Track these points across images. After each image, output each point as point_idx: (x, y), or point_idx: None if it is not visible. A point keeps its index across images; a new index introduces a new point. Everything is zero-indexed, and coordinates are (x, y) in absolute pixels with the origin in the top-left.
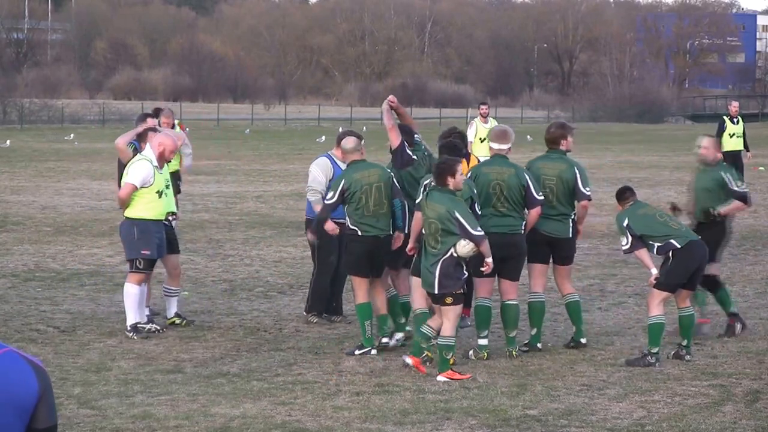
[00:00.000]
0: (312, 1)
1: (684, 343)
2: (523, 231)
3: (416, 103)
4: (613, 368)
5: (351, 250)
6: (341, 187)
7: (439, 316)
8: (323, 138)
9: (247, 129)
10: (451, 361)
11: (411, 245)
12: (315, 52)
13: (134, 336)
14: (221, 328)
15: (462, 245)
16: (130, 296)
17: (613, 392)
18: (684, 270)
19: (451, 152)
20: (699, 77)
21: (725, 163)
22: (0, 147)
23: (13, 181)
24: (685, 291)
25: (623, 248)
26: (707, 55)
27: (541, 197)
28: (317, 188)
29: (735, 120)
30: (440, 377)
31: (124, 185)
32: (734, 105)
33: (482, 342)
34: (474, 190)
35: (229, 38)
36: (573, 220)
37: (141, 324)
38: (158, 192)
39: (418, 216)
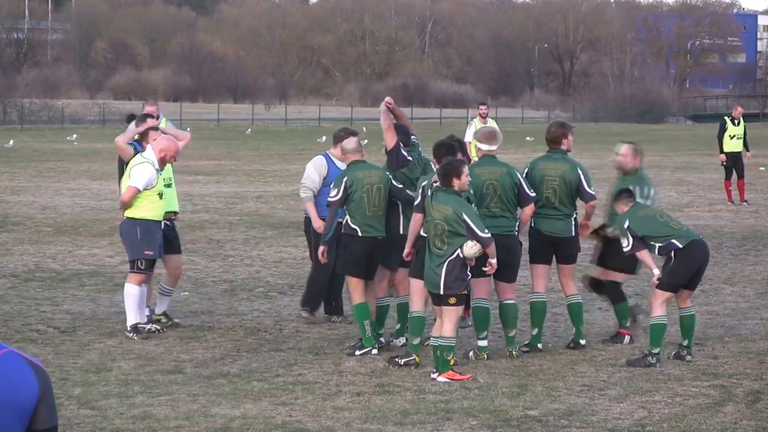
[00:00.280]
0: (312, 1)
1: (685, 344)
2: (517, 231)
3: (417, 104)
4: (614, 369)
5: (351, 250)
6: (344, 184)
7: (440, 318)
8: (324, 138)
9: (249, 129)
10: (452, 362)
11: (408, 250)
12: (315, 52)
13: (134, 336)
14: (221, 329)
15: (469, 246)
16: (131, 297)
17: (614, 393)
18: (686, 270)
19: (448, 151)
20: (700, 77)
21: (645, 173)
22: (3, 147)
23: (13, 182)
24: (686, 291)
25: (624, 250)
26: (708, 55)
27: (534, 194)
28: (309, 186)
29: (736, 121)
30: (441, 378)
31: (128, 188)
32: (738, 109)
33: (482, 343)
34: (471, 191)
35: (230, 38)
36: (575, 219)
37: (141, 324)
38: (159, 194)
39: (417, 218)
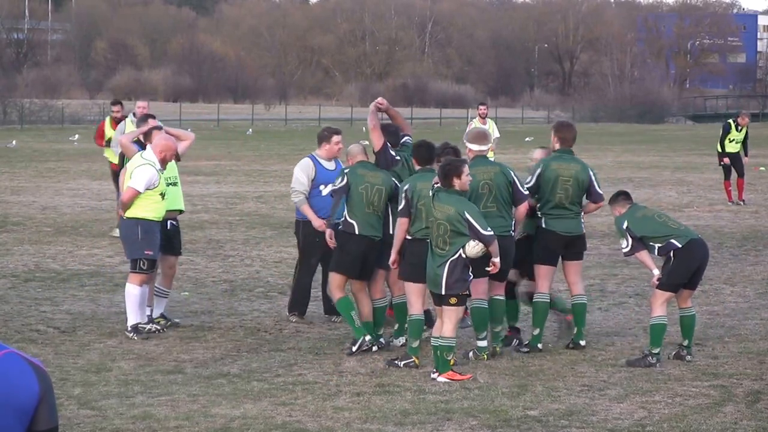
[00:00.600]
0: (312, 2)
1: (685, 344)
2: (513, 232)
3: (417, 104)
4: (614, 369)
5: (347, 250)
6: (346, 176)
7: (441, 318)
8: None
9: (250, 129)
10: (452, 362)
11: (394, 256)
12: (315, 53)
13: (134, 336)
14: (221, 329)
15: (471, 246)
16: (132, 297)
17: (614, 393)
18: (685, 269)
19: (427, 152)
20: (700, 77)
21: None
22: (6, 147)
23: (14, 182)
24: (687, 291)
25: (624, 251)
26: (708, 56)
27: (527, 192)
28: (299, 189)
29: (740, 128)
30: (441, 378)
31: (128, 189)
32: (745, 119)
33: (482, 344)
34: (476, 191)
35: (230, 38)
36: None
37: (141, 324)
38: (161, 194)
39: (402, 222)
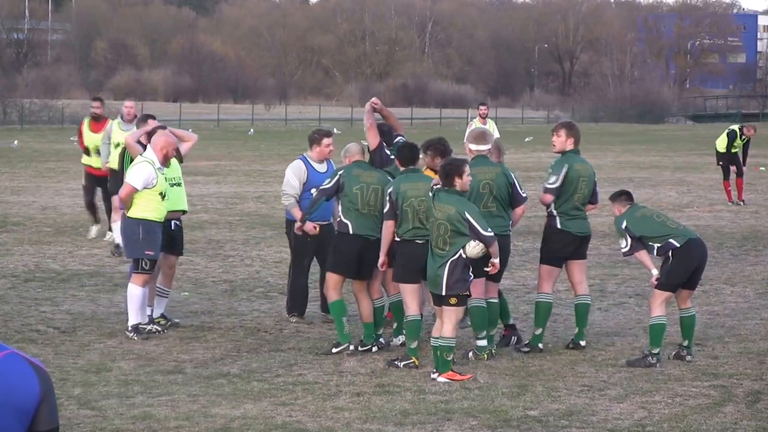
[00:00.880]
0: (312, 2)
1: (685, 344)
2: (510, 231)
3: (417, 104)
4: (614, 369)
5: (341, 250)
6: (338, 177)
7: (441, 318)
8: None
9: (251, 129)
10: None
11: (382, 258)
12: (315, 53)
13: (135, 336)
14: (221, 329)
15: (472, 246)
16: (135, 297)
17: (614, 393)
18: (684, 269)
19: (410, 153)
20: (700, 77)
21: (506, 167)
22: (9, 147)
23: (14, 182)
24: (686, 291)
25: (623, 250)
26: (708, 56)
27: (526, 195)
28: (290, 192)
29: (744, 138)
30: (441, 378)
31: (125, 185)
32: (751, 131)
33: (481, 343)
34: (476, 191)
35: (230, 38)
36: None
37: (142, 325)
38: (161, 193)
39: (388, 225)
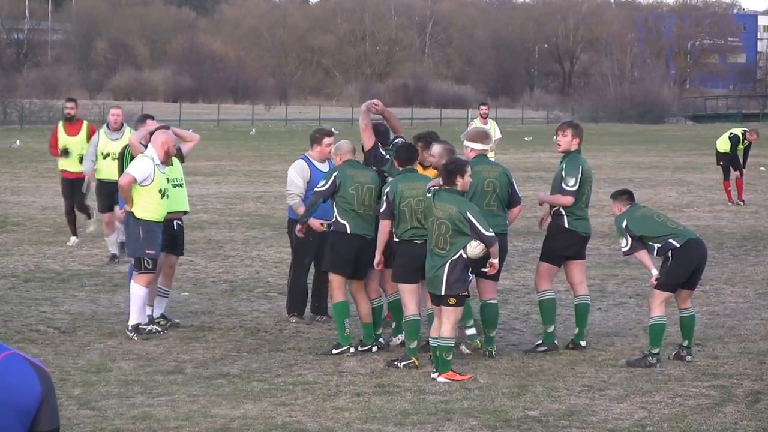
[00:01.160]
0: (313, 2)
1: (685, 344)
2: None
3: (417, 104)
4: (614, 369)
5: (337, 249)
6: (333, 178)
7: (439, 318)
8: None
9: (253, 129)
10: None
11: (378, 258)
12: (316, 53)
13: (135, 336)
14: (221, 329)
15: (473, 246)
16: (138, 297)
17: (614, 393)
18: (684, 269)
19: (407, 153)
20: (700, 78)
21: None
22: (11, 147)
23: (14, 182)
24: (686, 291)
25: (623, 250)
26: (708, 56)
27: (521, 196)
28: (295, 192)
29: (746, 142)
30: (441, 378)
31: (124, 175)
32: (754, 136)
33: (470, 332)
34: (480, 190)
35: (230, 39)
36: None
37: (142, 325)
38: (161, 191)
39: (385, 224)
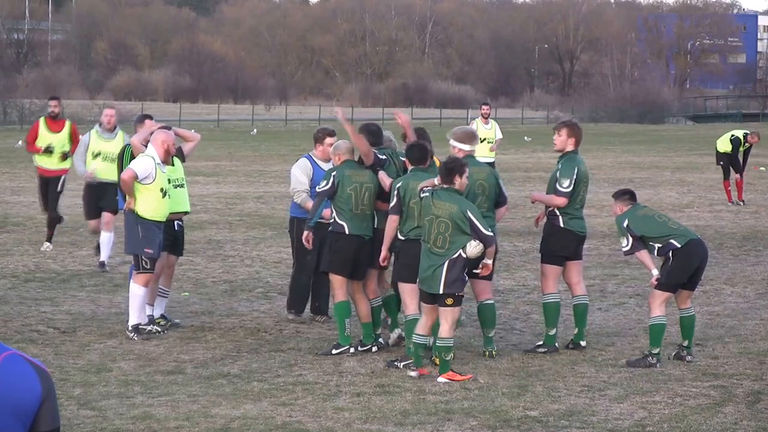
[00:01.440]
0: (313, 2)
1: (685, 344)
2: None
3: (417, 104)
4: (614, 369)
5: (336, 249)
6: (333, 178)
7: (427, 319)
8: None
9: (254, 129)
10: (427, 360)
11: (384, 254)
12: (316, 53)
13: (135, 337)
14: (222, 329)
15: (473, 246)
16: (137, 297)
17: (614, 393)
18: (684, 270)
19: (419, 153)
20: (700, 78)
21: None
22: (14, 147)
23: (14, 182)
24: (686, 291)
25: (624, 250)
26: (708, 56)
27: (507, 195)
28: (301, 189)
29: (747, 144)
30: (441, 378)
31: (126, 170)
32: (755, 139)
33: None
34: (472, 191)
35: (230, 39)
36: None
37: (142, 325)
38: (162, 190)
39: (393, 220)
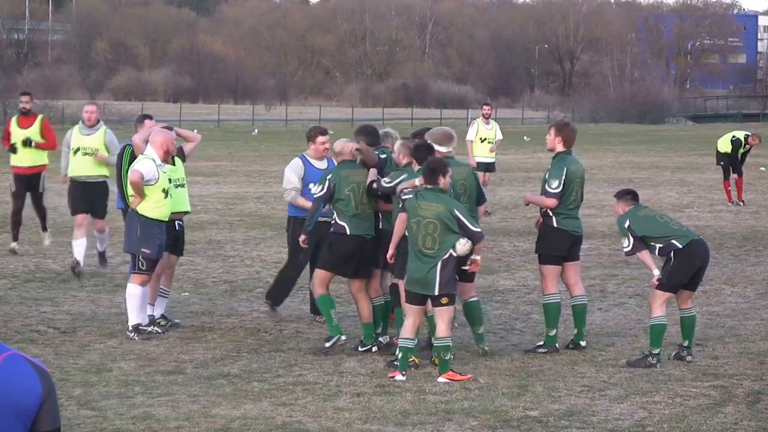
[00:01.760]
0: (313, 2)
1: (685, 344)
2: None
3: (417, 104)
4: (614, 369)
5: (336, 249)
6: (328, 182)
7: (414, 321)
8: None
9: (255, 130)
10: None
11: (392, 251)
12: (316, 53)
13: (135, 337)
14: (222, 329)
15: (462, 244)
16: (133, 297)
17: (614, 393)
18: (685, 270)
19: (428, 152)
20: (700, 78)
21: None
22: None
23: None
24: (687, 292)
25: (625, 250)
26: (708, 56)
27: (486, 196)
28: (289, 187)
29: (747, 146)
30: (441, 378)
31: (132, 172)
32: (756, 140)
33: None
34: (458, 191)
35: (230, 39)
36: None
37: (142, 325)
38: (164, 191)
39: (402, 218)
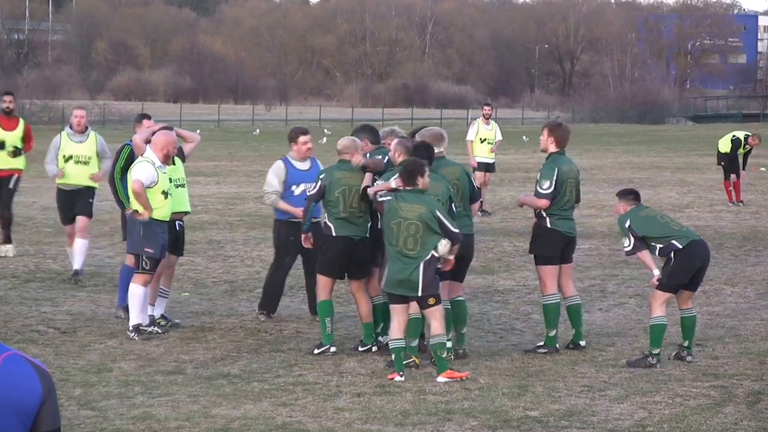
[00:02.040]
0: (313, 2)
1: (685, 344)
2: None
3: (417, 104)
4: (614, 369)
5: (325, 251)
6: (320, 181)
7: (399, 321)
8: (324, 139)
9: (256, 130)
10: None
11: None
12: (316, 53)
13: (135, 337)
14: (222, 329)
15: (443, 244)
16: (136, 297)
17: (614, 393)
18: (686, 270)
19: (427, 152)
20: (700, 78)
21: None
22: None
23: None
24: (687, 292)
25: (625, 250)
26: (708, 56)
27: (479, 193)
28: (269, 190)
29: (747, 146)
30: (440, 378)
31: (133, 181)
32: (756, 141)
33: (448, 344)
34: (452, 190)
35: (230, 39)
36: None
37: (143, 326)
38: (164, 192)
39: None
